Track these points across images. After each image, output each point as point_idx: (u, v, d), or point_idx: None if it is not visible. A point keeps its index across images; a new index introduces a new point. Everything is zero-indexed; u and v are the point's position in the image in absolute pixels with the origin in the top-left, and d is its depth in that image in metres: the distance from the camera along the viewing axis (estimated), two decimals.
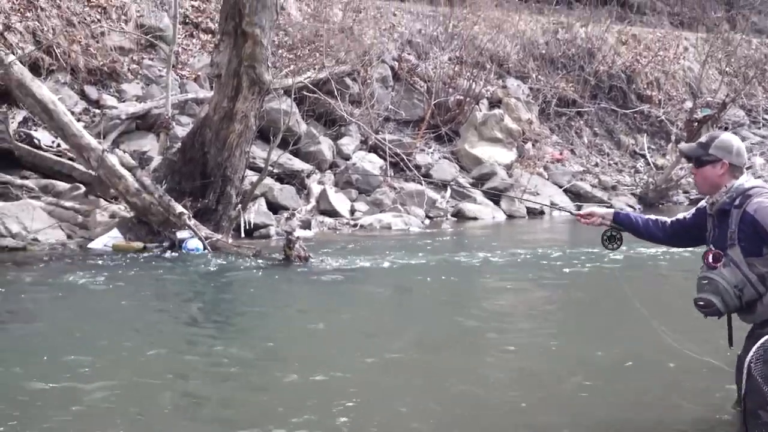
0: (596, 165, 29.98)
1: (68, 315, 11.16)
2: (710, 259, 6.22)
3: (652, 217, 7.00)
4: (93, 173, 16.90)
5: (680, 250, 9.39)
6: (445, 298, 13.16)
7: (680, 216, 6.86)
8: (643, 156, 31.30)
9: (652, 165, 30.56)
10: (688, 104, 32.62)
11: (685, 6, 43.11)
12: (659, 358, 8.51)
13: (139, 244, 15.88)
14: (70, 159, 18.27)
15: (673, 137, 31.62)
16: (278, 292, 13.33)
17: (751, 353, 6.07)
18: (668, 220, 6.92)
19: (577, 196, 26.95)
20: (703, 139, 6.47)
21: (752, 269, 6.06)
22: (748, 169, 6.34)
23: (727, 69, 36.14)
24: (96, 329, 10.28)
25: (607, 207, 7.13)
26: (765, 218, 5.99)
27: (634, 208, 27.05)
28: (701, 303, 6.25)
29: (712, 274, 6.17)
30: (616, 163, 30.66)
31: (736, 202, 6.16)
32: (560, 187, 27.02)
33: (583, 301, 12.93)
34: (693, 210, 6.79)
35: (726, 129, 30.99)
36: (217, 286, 13.42)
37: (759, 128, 35.33)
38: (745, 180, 6.26)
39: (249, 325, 11.18)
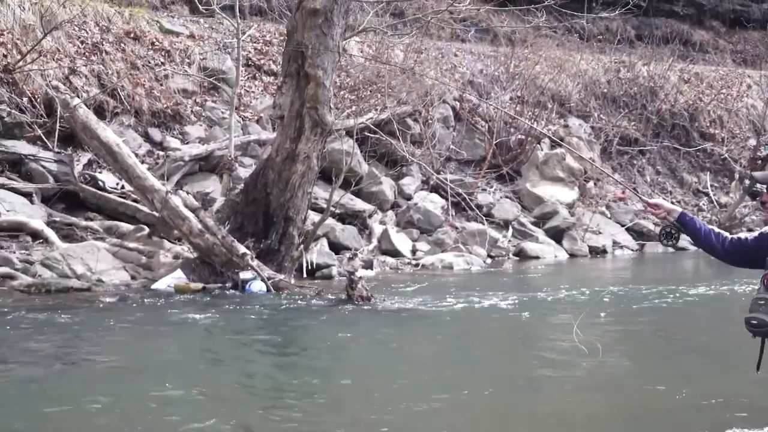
0: None
1: (131, 355, 11.19)
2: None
3: (715, 229, 6.92)
4: (157, 214, 16.99)
5: None
6: (507, 338, 13.09)
7: (742, 236, 6.81)
8: (706, 194, 31.08)
9: (715, 203, 30.33)
10: (752, 142, 32.37)
11: (748, 44, 42.87)
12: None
13: (199, 285, 15.90)
14: (134, 200, 18.41)
15: (736, 175, 31.37)
16: (341, 332, 13.26)
17: None
18: (729, 236, 6.85)
19: (639, 234, 26.82)
20: None
21: None
22: None
23: None
24: (153, 368, 10.32)
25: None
26: None
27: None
28: (754, 322, 6.27)
29: None
30: (679, 202, 30.44)
31: None
32: (623, 225, 26.89)
33: (649, 340, 12.82)
34: (757, 233, 6.73)
35: None
36: (280, 326, 13.40)
37: None
38: None
39: (312, 364, 11.13)
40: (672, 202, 29.04)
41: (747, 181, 29.27)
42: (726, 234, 6.88)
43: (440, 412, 8.27)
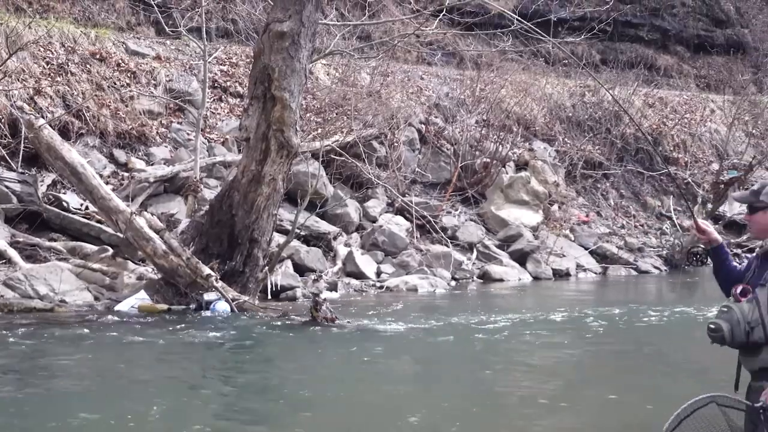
0: (622, 227, 29.96)
1: (90, 375, 11.22)
2: (738, 292, 6.27)
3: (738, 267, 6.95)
4: (121, 235, 17.01)
5: None
6: (469, 358, 13.16)
7: (736, 264, 6.90)
8: (669, 218, 31.23)
9: (678, 227, 30.48)
10: (715, 166, 32.61)
11: (711, 69, 43.17)
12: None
13: (164, 306, 15.92)
14: (99, 221, 18.39)
15: (699, 199, 31.58)
16: (305, 353, 13.32)
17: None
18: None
19: (603, 257, 26.92)
20: (755, 186, 6.54)
21: None
22: None
23: (754, 131, 36.13)
24: (115, 388, 10.41)
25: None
26: None
27: (660, 270, 27.01)
28: (712, 326, 6.29)
29: (733, 305, 6.21)
30: (642, 225, 30.62)
31: None
32: (586, 248, 26.98)
33: (607, 359, 12.89)
34: (746, 262, 6.82)
35: None
36: (244, 348, 13.42)
37: None
38: None
39: (273, 384, 11.20)
40: (635, 226, 29.30)
41: (710, 205, 29.47)
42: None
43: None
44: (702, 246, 6.86)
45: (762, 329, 6.13)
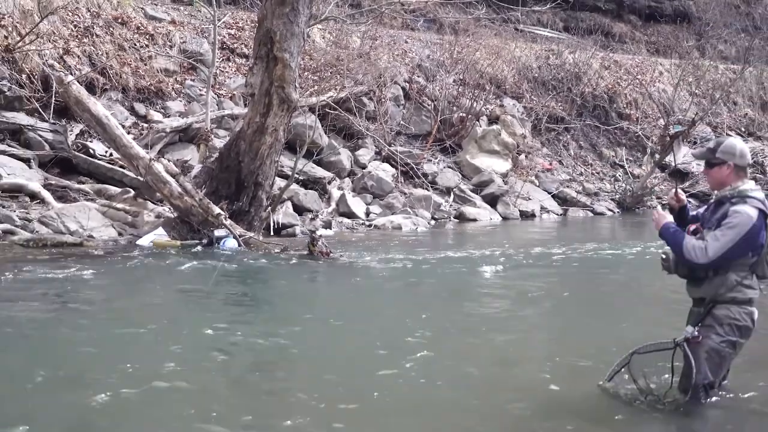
0: (581, 174, 29.92)
1: (115, 300, 11.27)
2: (690, 231, 6.52)
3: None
4: (141, 179, 16.93)
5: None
6: (448, 287, 13.17)
7: (694, 213, 6.94)
8: (622, 166, 31.23)
9: (629, 174, 30.51)
10: (662, 122, 32.48)
11: (660, 36, 43.06)
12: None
13: (177, 242, 15.91)
14: (121, 167, 18.30)
15: (648, 150, 31.55)
16: (303, 282, 13.40)
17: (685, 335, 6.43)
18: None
19: (563, 200, 26.96)
20: (711, 144, 6.58)
21: None
22: None
23: (697, 91, 36.01)
24: (138, 311, 10.41)
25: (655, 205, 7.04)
26: (736, 220, 6.21)
27: (613, 212, 27.07)
28: (663, 256, 6.66)
29: (702, 243, 6.34)
30: (598, 173, 30.60)
31: (733, 200, 6.32)
32: (549, 193, 27.02)
33: (565, 291, 12.91)
34: (703, 208, 6.86)
35: (695, 143, 30.92)
36: (249, 277, 13.45)
37: None
38: (749, 186, 6.40)
39: (275, 309, 11.22)
40: (592, 173, 29.30)
41: (657, 155, 29.44)
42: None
43: (393, 351, 8.29)
44: (668, 207, 6.95)
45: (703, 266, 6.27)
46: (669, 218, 6.70)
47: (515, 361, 8.33)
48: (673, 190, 7.04)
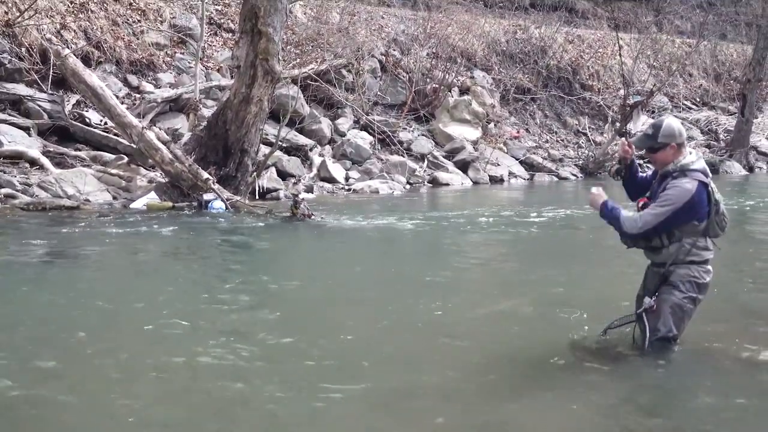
0: (546, 141, 29.95)
1: (109, 258, 11.35)
2: (640, 205, 6.62)
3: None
4: (134, 146, 16.96)
5: None
6: (425, 248, 13.30)
7: (643, 174, 7.00)
8: (585, 134, 31.27)
9: (591, 141, 30.57)
10: (622, 92, 32.51)
11: (620, 12, 43.00)
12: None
13: (169, 204, 15.98)
14: (115, 135, 18.26)
15: (609, 119, 31.65)
16: (286, 242, 13.47)
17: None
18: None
19: (530, 166, 27.04)
20: (649, 130, 6.59)
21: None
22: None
23: (655, 63, 36.12)
24: (131, 265, 10.49)
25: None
26: (673, 192, 6.37)
27: (577, 177, 27.18)
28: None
29: (636, 215, 6.52)
30: (562, 140, 30.62)
31: (675, 174, 6.45)
32: (517, 159, 27.07)
33: (532, 250, 13.01)
34: (652, 172, 6.93)
35: (653, 113, 31.06)
36: (236, 237, 13.50)
37: (679, 112, 35.39)
38: (690, 160, 6.50)
39: (259, 267, 11.28)
40: (557, 140, 29.37)
41: (617, 124, 29.53)
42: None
43: (369, 306, 8.36)
44: (620, 164, 6.99)
45: (657, 237, 6.41)
46: (603, 197, 6.73)
47: (473, 318, 8.38)
48: (624, 139, 7.12)
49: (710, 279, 6.56)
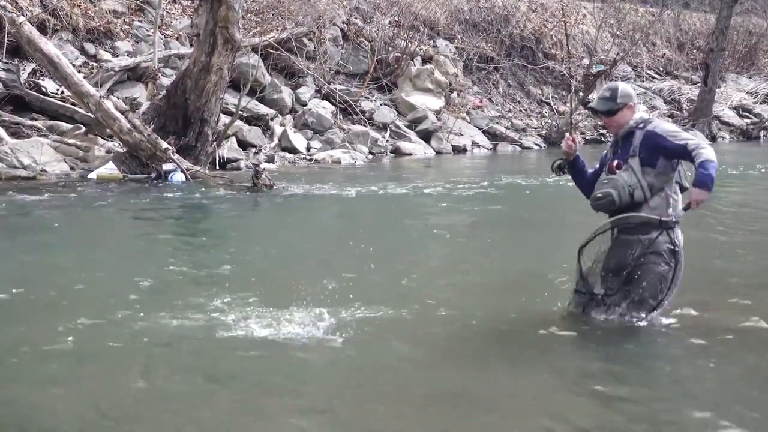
0: (509, 111, 30.01)
1: (63, 230, 11.27)
2: (614, 166, 6.63)
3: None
4: (92, 116, 16.85)
5: None
6: (388, 218, 13.30)
7: (591, 170, 7.01)
8: (548, 104, 31.36)
9: (555, 111, 30.66)
10: (586, 61, 32.64)
11: None
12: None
13: (119, 174, 15.95)
14: (72, 104, 18.12)
15: (572, 88, 31.61)
16: (248, 213, 13.48)
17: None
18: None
19: (494, 136, 27.09)
20: (606, 93, 6.69)
21: (645, 176, 6.50)
22: None
23: (618, 32, 36.24)
24: (86, 242, 10.43)
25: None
26: (665, 130, 6.53)
27: (540, 146, 27.26)
28: (600, 195, 6.66)
29: (614, 176, 6.60)
30: (525, 110, 30.70)
31: (640, 126, 6.57)
32: (480, 128, 27.13)
33: (496, 220, 13.05)
34: (598, 163, 6.96)
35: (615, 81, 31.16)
36: (196, 207, 13.52)
37: (643, 81, 35.59)
38: (642, 112, 6.79)
39: (219, 238, 11.28)
40: (520, 110, 29.43)
41: (581, 93, 29.62)
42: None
43: (333, 276, 8.34)
44: (563, 159, 7.03)
45: (641, 190, 6.47)
46: (707, 195, 6.39)
47: (438, 288, 8.40)
48: (568, 134, 7.17)
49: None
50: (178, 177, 15.76)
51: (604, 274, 6.77)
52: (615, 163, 6.63)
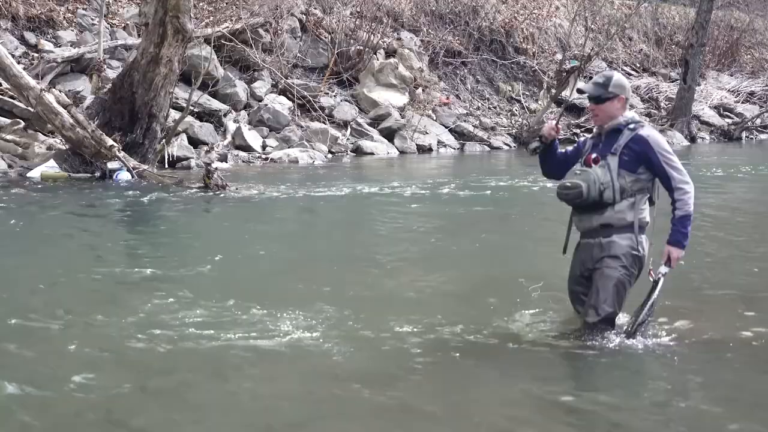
0: (478, 108, 30.08)
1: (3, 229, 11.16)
2: (591, 159, 6.64)
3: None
4: (32, 110, 16.70)
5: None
6: (346, 221, 13.36)
7: (563, 150, 7.04)
8: (519, 101, 31.46)
9: (526, 109, 30.77)
10: (558, 56, 32.82)
11: None
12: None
13: (65, 174, 15.81)
14: (11, 97, 17.96)
15: (544, 85, 31.85)
16: (199, 215, 13.40)
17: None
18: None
19: (461, 135, 27.14)
20: (599, 79, 6.73)
21: (619, 179, 6.52)
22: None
23: (593, 26, 36.43)
24: (26, 247, 10.31)
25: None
26: (658, 144, 6.53)
27: (510, 146, 27.35)
28: (569, 185, 6.67)
29: (588, 169, 6.61)
30: (495, 107, 30.77)
31: (630, 126, 6.60)
32: (446, 127, 27.18)
33: (461, 223, 13.08)
34: (574, 145, 7.01)
35: (590, 78, 31.33)
36: (143, 209, 13.45)
37: None
38: (634, 114, 6.77)
39: (166, 242, 11.24)
40: (489, 108, 29.51)
41: (553, 90, 29.76)
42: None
43: (287, 281, 8.34)
44: (539, 141, 7.04)
45: (612, 191, 6.48)
46: (680, 252, 6.61)
47: (400, 294, 8.41)
48: (551, 122, 7.18)
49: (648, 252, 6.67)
50: (124, 176, 15.70)
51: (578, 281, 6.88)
52: (593, 156, 6.64)
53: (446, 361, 6.37)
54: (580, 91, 7.14)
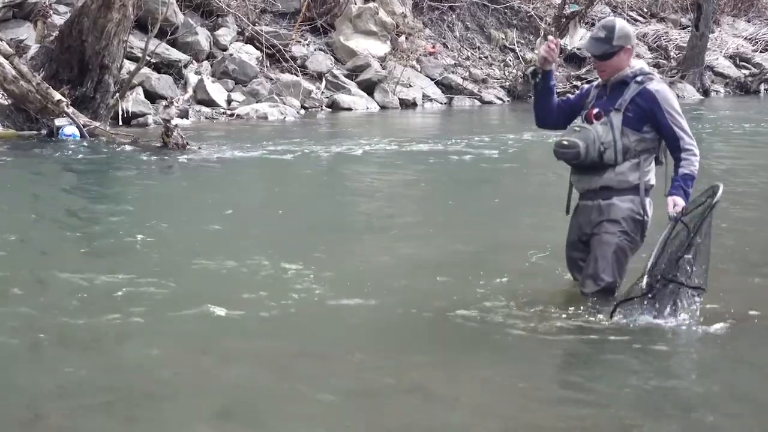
0: (467, 59, 30.04)
1: None
2: (593, 115, 6.60)
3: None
4: None
5: None
6: (316, 185, 13.34)
7: (564, 97, 7.08)
8: (513, 50, 31.43)
9: (521, 59, 30.75)
10: (557, 0, 32.83)
11: None
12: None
13: (14, 132, 15.79)
14: None
15: (541, 32, 31.72)
16: (155, 177, 13.40)
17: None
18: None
19: (448, 88, 27.14)
20: (600, 33, 6.64)
21: (623, 138, 6.52)
22: None
23: None
24: None
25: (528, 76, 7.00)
26: (666, 98, 6.51)
27: (503, 101, 27.37)
28: (565, 143, 6.65)
29: (588, 126, 6.59)
30: (486, 57, 30.73)
31: (638, 79, 6.57)
32: (432, 79, 27.16)
33: (446, 186, 13.16)
34: (578, 92, 7.05)
35: (592, 25, 31.33)
36: (93, 171, 13.45)
37: None
38: (643, 64, 6.78)
39: (119, 207, 11.19)
40: (479, 57, 29.49)
41: (551, 38, 29.73)
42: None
43: (257, 248, 8.41)
44: (538, 66, 6.96)
45: (613, 151, 6.47)
46: (681, 202, 6.43)
47: (379, 265, 8.48)
48: (550, 36, 7.18)
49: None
50: (71, 130, 15.64)
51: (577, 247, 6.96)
52: (595, 111, 6.59)
53: (437, 338, 6.41)
54: (587, 50, 7.07)
